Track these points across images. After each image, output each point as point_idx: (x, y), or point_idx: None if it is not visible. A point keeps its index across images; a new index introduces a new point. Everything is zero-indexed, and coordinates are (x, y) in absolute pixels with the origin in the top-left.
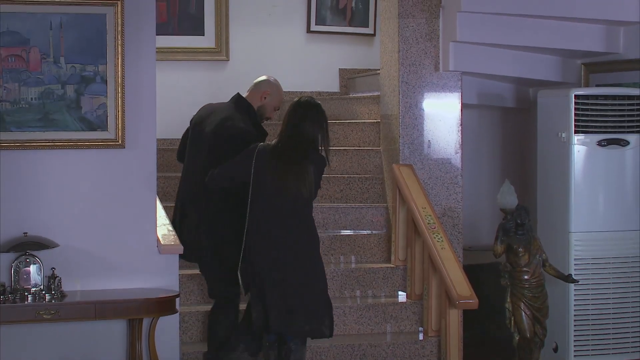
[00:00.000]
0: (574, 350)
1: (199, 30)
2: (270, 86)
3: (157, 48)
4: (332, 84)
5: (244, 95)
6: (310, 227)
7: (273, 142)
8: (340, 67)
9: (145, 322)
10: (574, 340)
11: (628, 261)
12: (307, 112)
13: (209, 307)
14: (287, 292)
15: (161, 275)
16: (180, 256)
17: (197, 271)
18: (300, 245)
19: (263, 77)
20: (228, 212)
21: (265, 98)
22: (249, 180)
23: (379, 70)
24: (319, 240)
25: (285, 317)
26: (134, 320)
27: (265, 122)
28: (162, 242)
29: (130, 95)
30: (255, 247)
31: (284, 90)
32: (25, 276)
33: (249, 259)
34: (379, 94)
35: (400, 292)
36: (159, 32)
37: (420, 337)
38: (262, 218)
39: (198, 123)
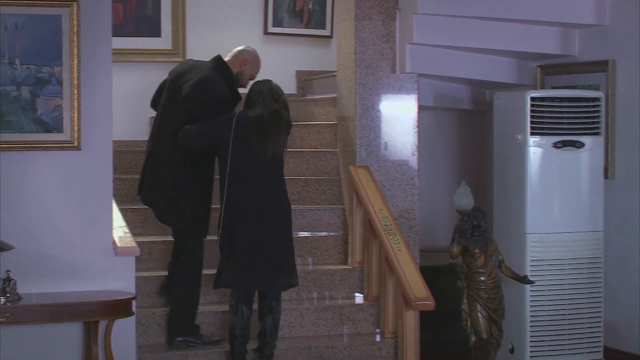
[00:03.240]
0: (530, 351)
1: (156, 32)
2: (250, 55)
3: (113, 49)
4: (289, 86)
5: (225, 59)
6: (284, 183)
7: (249, 112)
8: (297, 69)
9: (102, 325)
10: (530, 341)
11: (583, 262)
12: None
13: (166, 309)
14: (271, 249)
15: (117, 277)
16: (140, 197)
17: (153, 273)
18: (281, 200)
19: (244, 46)
20: (190, 166)
21: (244, 65)
22: (225, 143)
23: (336, 72)
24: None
25: (270, 273)
26: (90, 322)
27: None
28: (118, 244)
29: (87, 97)
30: (241, 202)
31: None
32: None
33: (232, 215)
34: (336, 95)
35: (357, 294)
36: (115, 34)
37: (377, 338)
38: (247, 175)
39: (177, 78)
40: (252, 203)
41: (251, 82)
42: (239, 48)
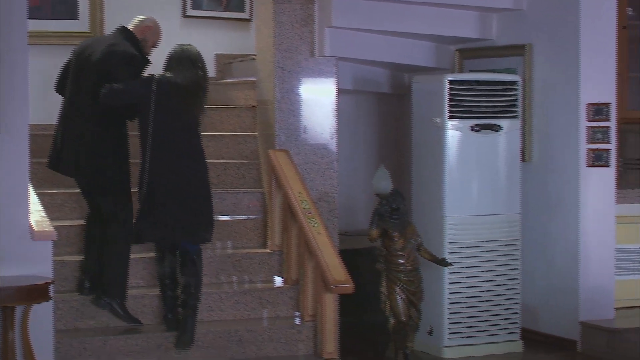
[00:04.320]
0: (448, 333)
1: (73, 14)
2: (152, 22)
3: (29, 32)
4: (208, 69)
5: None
6: (201, 144)
7: (170, 76)
8: (217, 52)
9: (19, 310)
10: (448, 323)
11: (500, 245)
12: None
13: (84, 297)
14: (190, 205)
15: (34, 262)
16: (58, 170)
17: (71, 257)
18: (199, 160)
19: (144, 16)
20: (107, 132)
21: (147, 32)
22: (145, 104)
23: (255, 55)
24: None
25: (189, 227)
26: (7, 308)
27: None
28: (35, 229)
29: (3, 80)
30: (162, 163)
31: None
32: None
33: (154, 174)
34: (255, 79)
35: (276, 277)
36: (32, 16)
37: (297, 321)
38: (168, 137)
39: (83, 51)
40: (172, 163)
41: (153, 50)
42: (140, 17)
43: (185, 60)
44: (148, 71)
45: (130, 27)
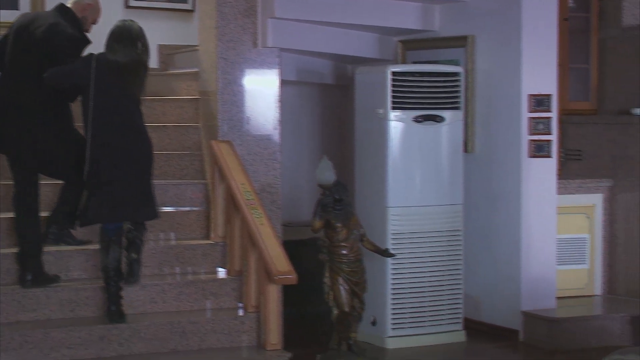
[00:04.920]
0: (392, 324)
1: (14, 4)
2: (91, 0)
3: None
4: (151, 60)
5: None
6: (143, 122)
7: (109, 54)
8: (159, 43)
9: None
10: (392, 314)
11: (443, 235)
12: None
13: (26, 290)
14: (135, 184)
15: None
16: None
17: (13, 250)
18: (142, 139)
19: None
20: (52, 109)
21: (86, 10)
22: (86, 84)
23: (198, 46)
24: None
25: (135, 204)
26: None
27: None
28: None
29: None
30: (104, 142)
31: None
32: None
33: (96, 155)
34: (198, 70)
35: (219, 269)
36: None
37: (240, 312)
38: (109, 116)
39: (23, 28)
40: (115, 142)
41: (94, 26)
42: None
43: (125, 38)
44: (88, 51)
45: (69, 4)
